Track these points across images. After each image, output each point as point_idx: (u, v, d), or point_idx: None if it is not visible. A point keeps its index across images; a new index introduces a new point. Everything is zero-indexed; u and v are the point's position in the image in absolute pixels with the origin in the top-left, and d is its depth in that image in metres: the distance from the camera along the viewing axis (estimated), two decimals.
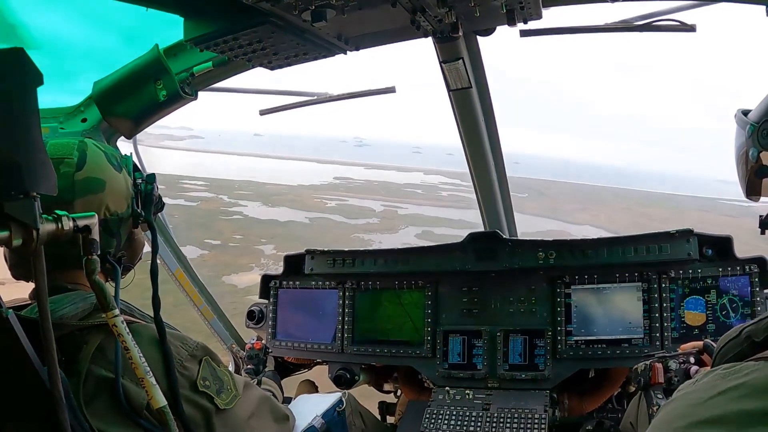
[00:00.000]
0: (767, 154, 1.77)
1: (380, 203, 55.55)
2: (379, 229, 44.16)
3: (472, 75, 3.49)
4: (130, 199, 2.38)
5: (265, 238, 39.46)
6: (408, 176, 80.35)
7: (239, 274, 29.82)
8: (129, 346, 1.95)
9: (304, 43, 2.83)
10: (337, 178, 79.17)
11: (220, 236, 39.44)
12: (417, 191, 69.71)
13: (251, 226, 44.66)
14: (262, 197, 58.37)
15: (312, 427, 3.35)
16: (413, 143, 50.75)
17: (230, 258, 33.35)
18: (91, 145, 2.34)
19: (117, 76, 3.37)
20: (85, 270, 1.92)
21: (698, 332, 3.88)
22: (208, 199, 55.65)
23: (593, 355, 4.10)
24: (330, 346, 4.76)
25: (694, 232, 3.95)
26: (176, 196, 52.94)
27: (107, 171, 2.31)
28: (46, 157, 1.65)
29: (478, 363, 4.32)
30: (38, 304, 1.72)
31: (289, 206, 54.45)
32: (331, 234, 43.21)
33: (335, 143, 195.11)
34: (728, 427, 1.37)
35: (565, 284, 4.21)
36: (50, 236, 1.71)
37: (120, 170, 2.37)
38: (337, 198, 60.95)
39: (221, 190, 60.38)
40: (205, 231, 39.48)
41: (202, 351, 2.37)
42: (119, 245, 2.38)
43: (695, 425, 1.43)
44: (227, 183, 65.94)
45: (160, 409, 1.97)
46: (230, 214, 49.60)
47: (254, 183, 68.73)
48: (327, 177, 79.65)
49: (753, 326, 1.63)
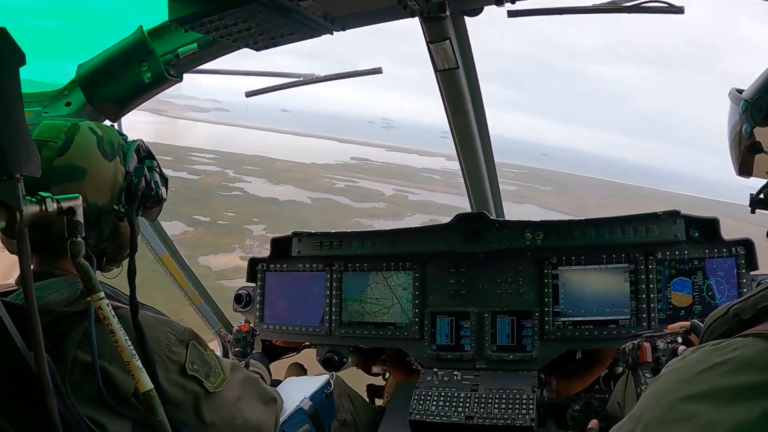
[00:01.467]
0: (760, 130, 1.77)
1: (392, 187, 54.78)
2: (383, 214, 43.36)
3: (459, 56, 3.47)
4: (116, 191, 2.30)
5: (258, 217, 38.82)
6: (429, 161, 79.10)
7: (218, 255, 29.39)
8: (114, 329, 1.93)
9: (290, 23, 2.80)
10: (354, 158, 78.06)
11: (212, 213, 38.80)
12: (434, 177, 69.09)
13: (247, 203, 43.97)
14: (268, 174, 57.52)
15: (300, 409, 3.35)
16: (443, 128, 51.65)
17: (214, 237, 32.80)
18: (83, 130, 2.27)
19: (101, 59, 3.34)
20: (70, 252, 1.90)
21: (685, 313, 3.90)
22: (213, 173, 54.79)
23: (580, 336, 4.11)
24: (318, 329, 4.76)
25: (681, 214, 3.96)
26: (180, 168, 52.00)
27: (92, 158, 2.24)
28: (30, 138, 1.63)
29: (465, 344, 4.33)
30: (23, 287, 1.70)
31: (294, 185, 53.58)
32: (329, 216, 42.56)
33: (362, 123, 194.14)
34: (717, 402, 1.38)
35: (553, 265, 4.22)
36: (34, 218, 1.70)
37: (111, 158, 2.30)
38: (347, 179, 60.00)
39: (229, 164, 59.38)
40: (198, 206, 38.89)
41: (189, 335, 2.36)
42: (101, 237, 2.32)
43: (684, 400, 1.43)
44: (238, 157, 64.72)
45: (147, 393, 1.97)
46: (230, 190, 48.79)
47: (265, 158, 67.87)
48: (344, 156, 78.65)
49: (740, 304, 1.64)
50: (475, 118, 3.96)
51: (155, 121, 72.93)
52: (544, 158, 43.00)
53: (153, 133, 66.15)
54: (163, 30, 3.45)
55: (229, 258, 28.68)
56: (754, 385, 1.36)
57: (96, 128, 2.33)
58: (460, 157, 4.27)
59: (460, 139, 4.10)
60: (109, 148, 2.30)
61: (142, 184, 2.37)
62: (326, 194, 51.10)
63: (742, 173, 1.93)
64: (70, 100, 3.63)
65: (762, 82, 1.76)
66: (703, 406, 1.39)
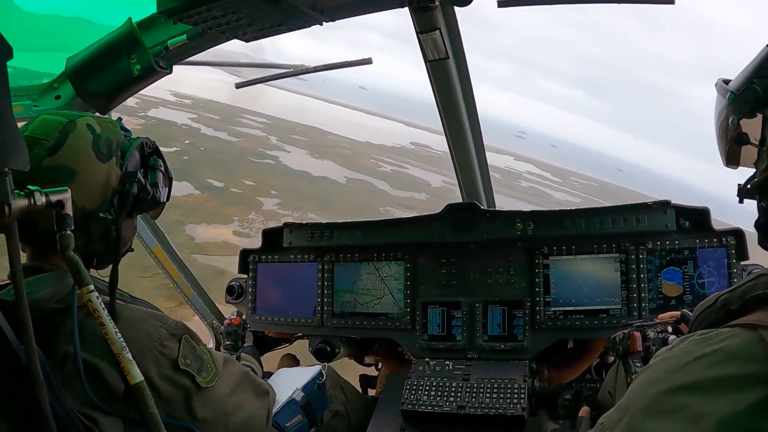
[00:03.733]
0: (746, 121, 1.78)
1: (442, 179, 52.59)
2: (420, 206, 41.63)
3: (450, 46, 3.46)
4: (108, 194, 2.27)
5: (278, 190, 37.24)
6: (495, 157, 76.84)
7: (211, 225, 28.43)
8: (105, 321, 1.93)
9: (279, 14, 2.78)
10: (413, 143, 76.42)
11: (229, 178, 37.37)
12: (495, 175, 67.57)
13: (274, 174, 42.55)
14: (313, 146, 55.57)
15: (292, 400, 3.36)
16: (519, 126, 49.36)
17: (217, 204, 31.67)
18: (80, 128, 2.24)
19: (90, 52, 3.32)
20: (59, 245, 1.89)
21: (675, 303, 3.92)
22: (254, 137, 53.35)
23: (571, 326, 4.13)
24: (310, 320, 4.76)
25: (671, 204, 3.97)
26: (222, 129, 50.22)
27: (84, 160, 2.20)
28: (18, 131, 1.61)
29: (457, 334, 4.34)
30: (13, 282, 1.70)
31: (336, 161, 51.81)
32: (357, 200, 41.19)
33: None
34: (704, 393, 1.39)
35: (543, 255, 4.23)
36: (23, 212, 1.69)
37: (106, 160, 2.26)
38: (397, 163, 58.25)
39: (276, 130, 57.76)
40: (217, 170, 37.48)
41: (181, 330, 2.36)
42: (90, 240, 2.29)
43: (671, 391, 1.44)
44: (289, 125, 62.27)
45: (137, 385, 1.96)
46: (263, 157, 47.22)
47: (318, 130, 65.83)
48: (404, 140, 76.74)
49: (729, 294, 1.65)
50: (465, 108, 3.95)
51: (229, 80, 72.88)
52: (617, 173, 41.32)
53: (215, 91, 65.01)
54: (152, 22, 3.43)
55: (220, 230, 27.78)
56: (741, 376, 1.37)
57: (96, 125, 2.29)
58: (450, 147, 4.26)
59: (450, 130, 4.10)
60: (106, 148, 2.27)
61: (134, 190, 2.33)
62: (365, 176, 49.39)
63: (730, 164, 1.94)
64: (59, 93, 3.62)
65: (747, 74, 1.77)
66: (690, 398, 1.40)
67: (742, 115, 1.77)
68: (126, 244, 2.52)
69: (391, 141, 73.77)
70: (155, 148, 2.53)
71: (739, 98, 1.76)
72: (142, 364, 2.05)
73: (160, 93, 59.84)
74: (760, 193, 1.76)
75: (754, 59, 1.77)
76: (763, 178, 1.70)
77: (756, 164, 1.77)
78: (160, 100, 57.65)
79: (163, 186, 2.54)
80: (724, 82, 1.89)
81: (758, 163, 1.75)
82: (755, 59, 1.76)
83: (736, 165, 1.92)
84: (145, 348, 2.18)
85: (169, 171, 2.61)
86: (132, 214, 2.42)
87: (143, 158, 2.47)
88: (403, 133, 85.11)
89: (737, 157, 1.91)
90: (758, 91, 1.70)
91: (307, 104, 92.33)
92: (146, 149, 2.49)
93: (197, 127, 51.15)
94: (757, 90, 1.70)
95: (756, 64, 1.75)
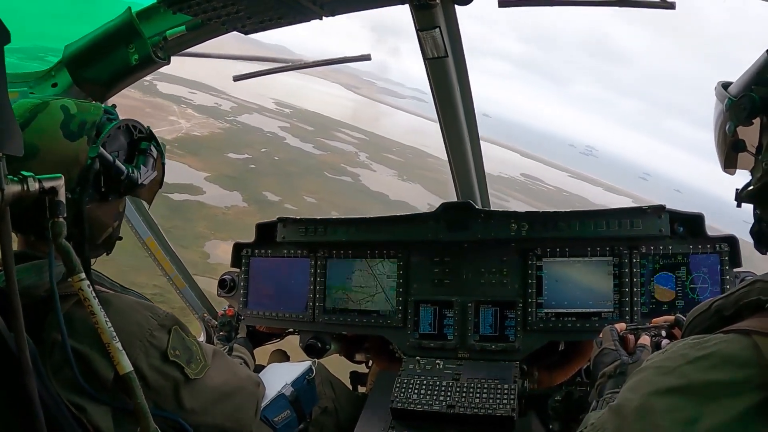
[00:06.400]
0: (743, 128, 1.78)
1: None
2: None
3: (449, 44, 3.46)
4: (74, 173, 2.19)
5: (340, 210, 35.58)
6: (613, 198, 73.89)
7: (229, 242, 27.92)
8: (95, 310, 1.92)
9: (278, 7, 2.78)
10: (524, 174, 74.22)
11: (289, 193, 36.16)
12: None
13: (344, 192, 41.17)
14: (405, 168, 53.92)
15: (282, 395, 3.35)
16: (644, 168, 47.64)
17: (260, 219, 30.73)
18: (52, 108, 2.22)
19: (88, 40, 3.31)
20: (51, 233, 1.89)
21: (667, 308, 3.92)
22: (342, 152, 51.97)
23: (563, 328, 4.13)
24: (301, 315, 4.75)
25: (665, 209, 3.98)
26: (311, 141, 49.43)
27: (50, 137, 2.18)
28: (12, 117, 1.61)
29: (448, 333, 4.34)
30: (4, 269, 1.69)
31: (424, 185, 49.75)
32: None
33: (561, 144, 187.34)
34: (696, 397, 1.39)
35: (537, 256, 4.23)
36: (15, 197, 1.68)
37: (75, 138, 2.21)
38: (496, 194, 54.79)
39: (370, 147, 56.22)
40: (279, 182, 36.36)
41: (171, 320, 2.35)
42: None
43: (663, 393, 1.45)
44: (386, 143, 60.78)
45: (127, 375, 1.96)
46: (341, 173, 45.82)
47: (417, 151, 63.63)
48: (514, 171, 74.15)
49: (723, 300, 1.65)
50: (462, 107, 3.96)
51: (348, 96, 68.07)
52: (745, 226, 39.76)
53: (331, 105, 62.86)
54: (151, 12, 3.42)
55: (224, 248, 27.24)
56: (734, 381, 1.37)
57: (72, 106, 2.27)
58: (447, 146, 4.26)
59: (447, 128, 4.09)
60: (78, 128, 2.23)
61: (96, 166, 2.25)
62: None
63: (727, 168, 1.94)
64: (56, 81, 3.60)
65: (747, 80, 1.77)
66: (682, 400, 1.40)
67: (738, 122, 1.78)
68: (106, 229, 2.45)
69: (499, 170, 71.56)
70: (149, 133, 2.50)
71: (736, 105, 1.76)
72: (131, 354, 2.05)
73: (261, 100, 59.03)
74: (755, 201, 1.77)
75: (753, 65, 1.77)
76: (757, 186, 1.71)
77: (752, 172, 1.77)
78: (257, 106, 56.89)
79: (151, 170, 2.49)
80: (724, 87, 1.89)
81: (754, 171, 1.76)
82: (754, 65, 1.76)
83: (733, 170, 1.93)
84: (135, 338, 2.17)
85: (163, 156, 2.58)
86: (108, 196, 2.36)
87: (132, 142, 2.44)
88: (516, 164, 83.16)
89: (734, 162, 1.91)
90: (755, 98, 1.70)
91: (423, 127, 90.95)
92: (135, 133, 2.45)
93: (283, 136, 50.60)
94: (755, 97, 1.70)
95: (755, 70, 1.75)
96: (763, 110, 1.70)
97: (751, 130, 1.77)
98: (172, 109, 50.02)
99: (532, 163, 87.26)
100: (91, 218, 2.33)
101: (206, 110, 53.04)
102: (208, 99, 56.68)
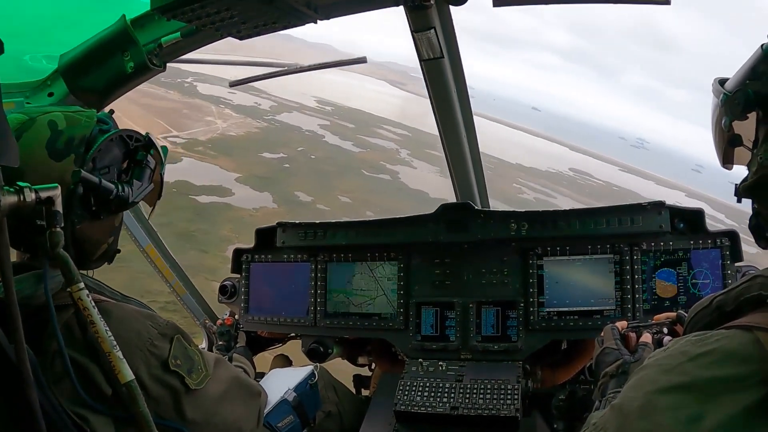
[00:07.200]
0: (739, 123, 1.78)
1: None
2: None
3: (444, 45, 3.45)
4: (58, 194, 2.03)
5: (374, 210, 34.42)
6: (663, 191, 73.65)
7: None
8: (95, 320, 1.92)
9: (273, 11, 2.77)
10: (573, 169, 72.76)
11: (324, 192, 35.04)
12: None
13: (381, 191, 40.14)
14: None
15: (284, 401, 3.35)
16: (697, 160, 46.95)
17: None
18: (39, 125, 2.16)
19: (83, 49, 3.33)
20: (49, 243, 1.88)
21: (669, 304, 3.92)
22: (382, 149, 51.17)
23: (565, 326, 4.12)
24: (303, 320, 4.74)
25: (665, 205, 3.97)
26: (351, 138, 48.58)
27: (33, 158, 2.11)
28: (8, 128, 1.60)
29: (450, 335, 4.33)
30: (2, 279, 1.68)
31: None
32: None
33: (612, 137, 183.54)
34: (699, 394, 1.38)
35: (537, 255, 4.22)
36: (12, 208, 1.67)
37: (61, 158, 2.16)
38: (544, 191, 53.80)
39: (412, 144, 55.09)
40: (314, 181, 35.53)
41: (172, 329, 2.34)
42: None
43: (666, 390, 1.44)
44: (430, 140, 58.91)
45: (128, 384, 1.95)
46: (380, 171, 44.77)
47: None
48: (562, 165, 72.84)
49: (723, 296, 1.65)
50: (459, 107, 3.96)
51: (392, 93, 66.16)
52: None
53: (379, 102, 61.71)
54: (145, 19, 3.40)
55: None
56: (736, 377, 1.36)
57: (62, 121, 2.21)
58: (444, 147, 4.26)
59: (444, 129, 4.10)
60: (64, 145, 2.17)
61: (79, 191, 2.18)
62: (498, 202, 44.63)
63: (725, 164, 1.95)
64: (52, 90, 3.59)
65: (742, 75, 1.78)
66: (684, 398, 1.40)
67: (733, 116, 1.78)
68: (100, 246, 2.42)
69: (547, 165, 70.05)
70: (147, 142, 2.44)
71: (730, 100, 1.77)
72: (131, 363, 2.04)
73: (302, 98, 58.26)
74: (751, 195, 1.77)
75: (748, 60, 1.77)
76: (753, 180, 1.70)
77: (748, 166, 1.77)
78: (298, 104, 56.17)
79: (147, 182, 2.43)
80: (720, 83, 1.89)
81: (750, 166, 1.76)
82: (749, 60, 1.76)
83: (731, 165, 1.93)
84: (135, 347, 2.16)
85: (163, 165, 2.55)
86: (99, 215, 2.30)
87: (128, 153, 2.40)
88: (565, 158, 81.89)
89: (731, 157, 1.91)
90: (749, 93, 1.70)
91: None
92: (131, 143, 2.40)
93: (322, 134, 49.72)
94: (749, 92, 1.70)
95: (750, 65, 1.76)
96: (758, 105, 1.70)
97: (747, 125, 1.77)
98: (210, 110, 49.24)
99: (582, 157, 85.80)
100: (84, 237, 2.31)
101: (244, 110, 52.36)
102: (248, 98, 56.05)
